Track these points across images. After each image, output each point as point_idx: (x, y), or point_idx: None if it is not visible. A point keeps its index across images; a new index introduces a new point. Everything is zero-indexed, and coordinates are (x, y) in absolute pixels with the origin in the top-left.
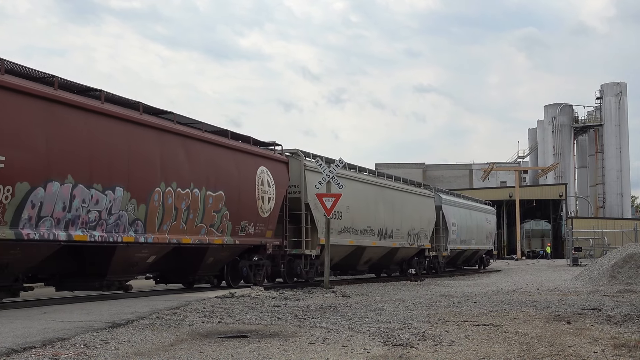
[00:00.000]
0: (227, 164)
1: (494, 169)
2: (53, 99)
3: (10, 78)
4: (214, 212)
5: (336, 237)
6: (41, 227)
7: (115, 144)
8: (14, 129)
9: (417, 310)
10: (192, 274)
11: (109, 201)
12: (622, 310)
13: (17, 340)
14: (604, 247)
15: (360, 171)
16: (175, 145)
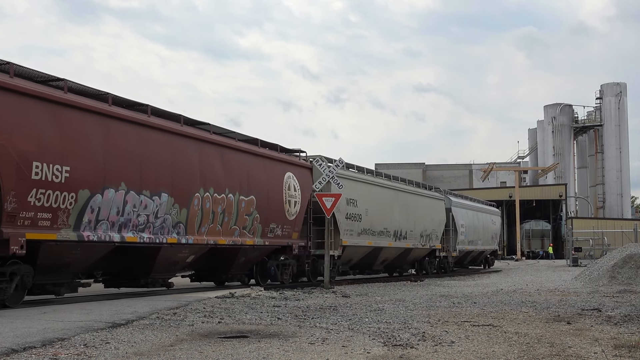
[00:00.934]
0: (257, 171)
1: (494, 169)
2: (108, 114)
3: (73, 97)
4: (246, 215)
5: (356, 238)
6: (99, 230)
7: (161, 154)
8: (77, 142)
9: (417, 311)
10: (225, 272)
11: (156, 206)
12: (622, 311)
13: (17, 340)
14: (603, 248)
15: (377, 175)
16: (212, 154)
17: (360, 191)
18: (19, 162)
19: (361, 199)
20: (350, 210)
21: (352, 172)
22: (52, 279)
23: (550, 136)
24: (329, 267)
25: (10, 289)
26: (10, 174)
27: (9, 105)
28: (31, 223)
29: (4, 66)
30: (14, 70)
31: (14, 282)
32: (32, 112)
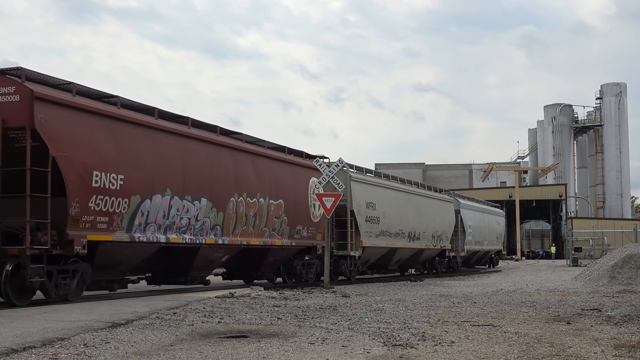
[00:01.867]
0: (285, 176)
1: (494, 169)
2: (155, 127)
3: (125, 112)
4: (275, 218)
5: (374, 239)
6: (147, 231)
7: (201, 162)
8: (130, 153)
9: (417, 311)
10: (255, 271)
11: (196, 209)
12: (622, 311)
13: (17, 340)
14: (603, 248)
15: (392, 179)
16: (245, 161)
17: (378, 195)
18: (82, 172)
19: (379, 202)
20: (369, 213)
21: (370, 177)
22: (106, 276)
23: (550, 136)
24: (329, 266)
25: (73, 285)
26: (75, 182)
27: (73, 121)
28: (91, 226)
29: (67, 86)
30: (76, 89)
31: (76, 278)
32: (92, 127)
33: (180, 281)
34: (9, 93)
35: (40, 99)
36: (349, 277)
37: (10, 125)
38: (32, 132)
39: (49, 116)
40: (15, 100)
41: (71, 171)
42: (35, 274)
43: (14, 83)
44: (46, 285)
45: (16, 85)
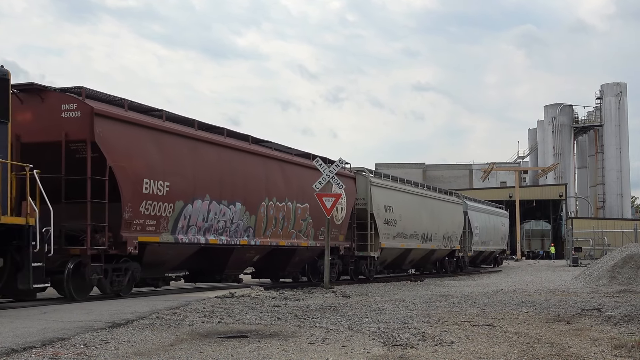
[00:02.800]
0: (310, 181)
1: (494, 169)
2: (195, 138)
3: (169, 124)
4: (302, 220)
5: (392, 241)
6: (189, 233)
7: (235, 169)
8: (174, 162)
9: (417, 311)
10: (282, 270)
11: (232, 213)
12: (622, 311)
13: (17, 340)
14: (604, 248)
15: (407, 183)
16: (275, 168)
17: (395, 198)
18: (134, 180)
19: (396, 205)
20: (387, 216)
21: (388, 181)
22: (152, 274)
23: (551, 136)
24: (329, 266)
25: (125, 282)
26: (128, 189)
27: (126, 134)
28: (141, 228)
29: (120, 101)
30: (127, 104)
31: (127, 276)
32: (142, 138)
33: (216, 279)
34: (71, 110)
35: (99, 114)
36: (367, 276)
37: (72, 138)
38: (92, 144)
39: (106, 130)
40: (77, 116)
41: (125, 179)
42: (94, 272)
43: (75, 100)
44: (102, 282)
45: (77, 103)
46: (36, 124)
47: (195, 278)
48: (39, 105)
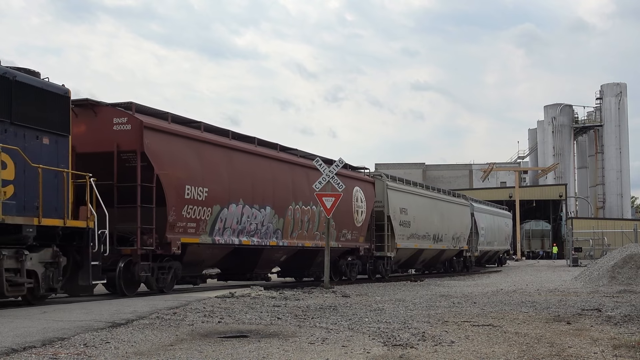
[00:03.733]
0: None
1: (494, 169)
2: (230, 147)
3: (207, 135)
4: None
5: (406, 241)
6: (225, 235)
7: (265, 175)
8: (212, 169)
9: (417, 311)
10: (306, 269)
11: (262, 216)
12: (622, 311)
13: (17, 340)
14: (603, 248)
15: (419, 186)
16: (300, 173)
17: (410, 201)
18: (177, 186)
19: (410, 208)
20: (402, 218)
21: (402, 185)
22: (191, 272)
23: (551, 136)
24: (329, 266)
25: (168, 279)
26: (172, 195)
27: (170, 144)
28: (183, 230)
29: (164, 114)
30: (170, 117)
31: (170, 274)
32: (184, 148)
33: (246, 277)
34: (123, 123)
35: (147, 127)
36: (384, 275)
37: (123, 149)
38: (141, 154)
39: (153, 141)
40: (128, 128)
41: (170, 186)
42: (143, 270)
43: (126, 115)
44: (149, 279)
45: (128, 117)
46: (90, 135)
47: (227, 276)
48: (92, 118)
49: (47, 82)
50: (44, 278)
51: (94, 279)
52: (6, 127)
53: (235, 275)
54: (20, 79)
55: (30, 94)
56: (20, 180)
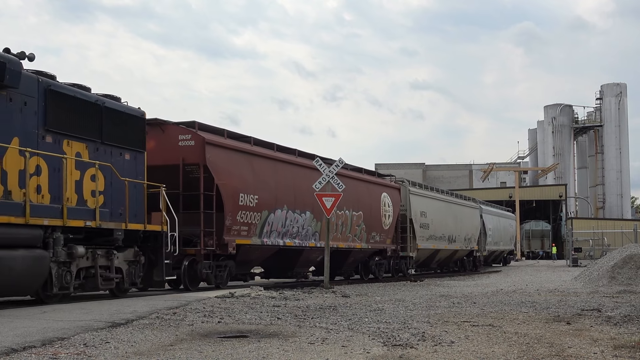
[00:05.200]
0: (363, 192)
1: (494, 169)
2: (276, 158)
3: (256, 148)
4: (356, 226)
5: (425, 242)
6: (271, 237)
7: (305, 183)
8: (261, 179)
9: (417, 311)
10: (339, 269)
11: (303, 220)
12: (621, 311)
13: (17, 340)
14: (603, 248)
15: (436, 191)
16: None
17: (428, 205)
18: (233, 194)
19: (429, 211)
20: (422, 221)
21: (421, 190)
22: (242, 270)
23: (550, 136)
24: (328, 266)
25: (224, 276)
26: (229, 202)
27: (226, 157)
28: (237, 233)
29: (221, 131)
30: (226, 133)
31: (226, 271)
32: (238, 160)
33: (287, 276)
34: (187, 139)
35: (209, 143)
36: (405, 273)
37: (187, 162)
38: (204, 167)
39: (213, 155)
40: (191, 144)
41: (227, 194)
42: (204, 267)
43: (190, 132)
44: (209, 276)
45: (192, 134)
46: (158, 150)
47: (270, 274)
48: (160, 135)
49: (127, 105)
50: (127, 274)
51: (166, 275)
52: (97, 146)
53: (277, 274)
54: (108, 105)
55: (115, 117)
56: (108, 191)
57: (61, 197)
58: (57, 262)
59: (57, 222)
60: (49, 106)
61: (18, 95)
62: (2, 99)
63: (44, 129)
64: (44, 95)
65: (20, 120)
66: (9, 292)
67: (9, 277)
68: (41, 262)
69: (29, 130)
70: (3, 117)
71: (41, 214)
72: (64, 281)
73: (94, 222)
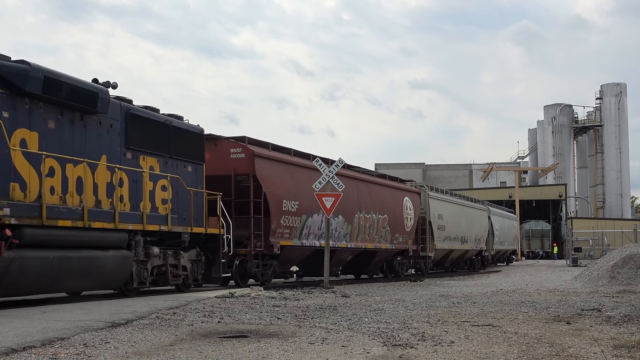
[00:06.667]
0: (387, 197)
1: (494, 169)
2: (311, 168)
3: (295, 158)
4: (382, 228)
5: (442, 243)
6: (309, 239)
7: None
8: (300, 186)
9: (417, 311)
10: (365, 267)
11: (336, 224)
12: (621, 311)
13: (17, 340)
14: (603, 248)
15: (452, 195)
16: (363, 187)
17: (444, 208)
18: (278, 200)
19: (445, 214)
20: (439, 223)
21: (437, 194)
22: (282, 268)
23: (550, 136)
24: (328, 266)
25: (269, 274)
26: (275, 208)
27: (272, 167)
28: (281, 235)
29: (266, 144)
30: (270, 145)
31: (270, 269)
32: (281, 170)
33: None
34: (238, 152)
35: (257, 155)
36: (424, 272)
37: (238, 172)
38: (253, 177)
39: (261, 166)
40: (242, 157)
41: (273, 201)
42: (253, 266)
43: (241, 146)
44: (257, 274)
45: (242, 148)
46: (212, 162)
47: (305, 273)
48: (213, 149)
49: (189, 123)
50: (191, 271)
51: (223, 273)
52: (166, 160)
53: (311, 273)
54: (174, 124)
55: (180, 134)
56: (174, 199)
57: (139, 205)
58: (138, 260)
59: (138, 227)
60: (129, 127)
61: (106, 119)
62: (93, 122)
63: (125, 147)
64: (125, 118)
65: (107, 140)
66: (102, 287)
67: (103, 273)
68: (127, 261)
69: (114, 148)
70: (94, 138)
71: (126, 220)
72: (142, 277)
73: (166, 227)
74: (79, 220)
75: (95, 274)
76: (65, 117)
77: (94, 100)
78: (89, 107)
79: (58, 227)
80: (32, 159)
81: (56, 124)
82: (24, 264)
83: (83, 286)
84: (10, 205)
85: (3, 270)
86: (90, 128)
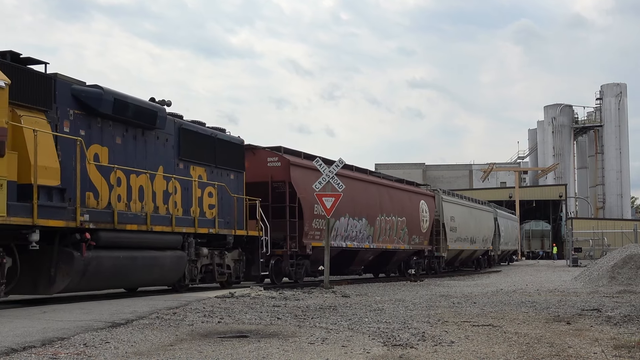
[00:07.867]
0: (405, 201)
1: (494, 169)
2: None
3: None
4: (400, 230)
5: (453, 244)
6: (337, 240)
7: (360, 195)
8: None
9: (417, 311)
10: (384, 267)
11: (360, 226)
12: (622, 311)
13: (17, 340)
14: (603, 248)
15: (461, 198)
16: (384, 192)
17: (456, 210)
18: (309, 205)
19: (456, 216)
20: (452, 225)
21: (451, 197)
22: (313, 267)
23: (550, 136)
24: (328, 266)
25: (302, 272)
26: (307, 212)
27: (304, 174)
28: (312, 237)
29: (298, 152)
30: (302, 154)
31: (303, 268)
32: (311, 177)
33: (344, 273)
34: (275, 161)
35: (292, 164)
36: (437, 271)
37: (275, 180)
38: (288, 184)
39: (295, 173)
40: (278, 165)
41: (306, 205)
42: (288, 265)
43: (277, 155)
44: (291, 272)
45: (279, 157)
46: (251, 170)
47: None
48: (252, 157)
49: (231, 135)
50: (234, 270)
51: (262, 271)
52: (212, 169)
53: (336, 272)
54: (219, 136)
55: (223, 145)
56: (220, 204)
57: (189, 210)
58: (190, 260)
59: (191, 230)
60: (181, 140)
61: (162, 134)
62: (152, 137)
63: (178, 158)
64: (177, 132)
65: (163, 153)
66: (161, 283)
67: (162, 271)
68: (182, 260)
69: (169, 160)
70: (153, 151)
71: (180, 224)
72: (192, 275)
73: (214, 229)
74: (143, 224)
75: (156, 271)
76: (129, 133)
77: (154, 118)
78: (149, 124)
79: (126, 230)
80: (103, 171)
81: (122, 139)
82: (99, 263)
83: (145, 282)
84: (89, 212)
85: (84, 268)
86: (150, 142)
